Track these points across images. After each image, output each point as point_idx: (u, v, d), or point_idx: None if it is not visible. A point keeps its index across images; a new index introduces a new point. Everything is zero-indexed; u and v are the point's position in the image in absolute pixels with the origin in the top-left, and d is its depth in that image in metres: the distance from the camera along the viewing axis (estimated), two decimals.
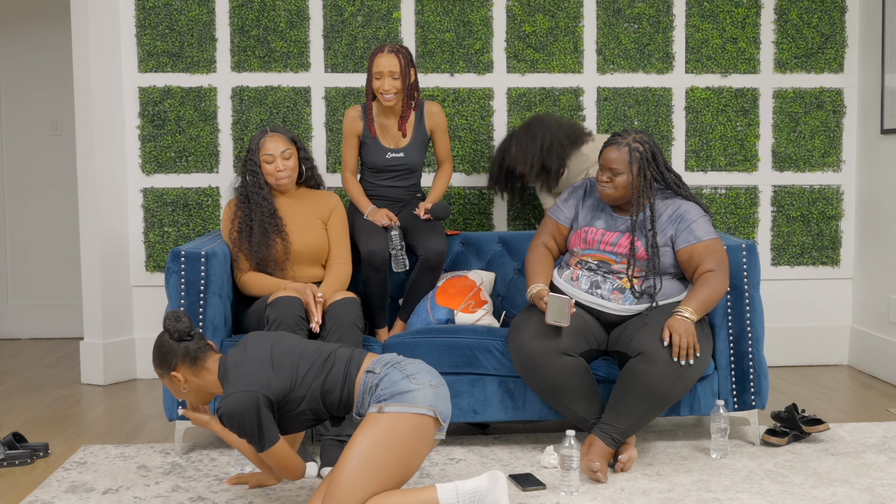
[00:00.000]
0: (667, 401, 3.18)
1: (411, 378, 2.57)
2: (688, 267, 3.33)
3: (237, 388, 2.52)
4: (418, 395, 2.54)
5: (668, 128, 4.69)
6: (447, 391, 2.64)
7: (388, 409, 2.52)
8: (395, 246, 3.74)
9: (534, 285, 3.38)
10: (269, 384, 2.55)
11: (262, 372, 2.56)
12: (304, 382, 2.59)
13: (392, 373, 2.58)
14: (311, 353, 2.66)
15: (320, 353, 2.66)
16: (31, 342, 5.63)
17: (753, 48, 4.70)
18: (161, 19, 4.54)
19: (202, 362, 2.63)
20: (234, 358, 2.62)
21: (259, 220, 3.55)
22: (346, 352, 2.69)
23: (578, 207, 3.50)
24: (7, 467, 3.32)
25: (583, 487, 3.06)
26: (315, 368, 2.62)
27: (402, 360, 2.64)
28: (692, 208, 3.36)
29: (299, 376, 2.59)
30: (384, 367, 2.61)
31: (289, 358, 2.62)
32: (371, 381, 2.59)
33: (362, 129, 3.92)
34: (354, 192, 3.96)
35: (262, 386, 2.54)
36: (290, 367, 2.60)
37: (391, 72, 3.76)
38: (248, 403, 2.50)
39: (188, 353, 2.61)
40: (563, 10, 4.62)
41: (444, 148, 4.04)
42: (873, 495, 2.96)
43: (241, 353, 2.63)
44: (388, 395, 2.54)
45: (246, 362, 2.59)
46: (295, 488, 3.08)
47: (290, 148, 3.60)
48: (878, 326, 4.60)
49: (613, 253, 3.33)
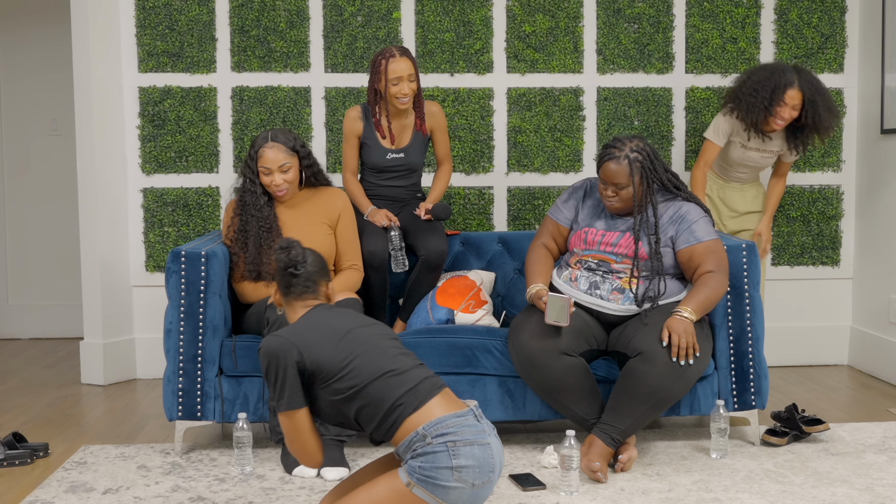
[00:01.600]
0: (667, 401, 3.18)
1: (455, 471, 2.34)
2: (688, 267, 3.33)
3: (283, 334, 2.46)
4: (452, 495, 2.35)
5: (668, 128, 4.69)
6: (491, 489, 2.41)
7: (416, 491, 2.35)
8: (395, 246, 3.74)
9: (533, 285, 3.38)
10: (313, 351, 2.43)
11: (317, 337, 2.46)
12: (352, 376, 2.42)
13: (440, 455, 2.34)
14: (382, 357, 2.46)
15: (395, 363, 2.46)
16: (31, 342, 5.63)
17: (753, 48, 4.70)
18: (161, 19, 4.54)
19: (292, 298, 2.60)
20: (315, 313, 2.55)
21: (255, 232, 3.50)
22: (417, 381, 2.44)
23: (578, 208, 3.50)
24: (7, 467, 3.32)
25: (583, 487, 3.06)
26: (372, 372, 2.43)
27: (460, 438, 2.36)
28: (693, 209, 3.36)
29: (352, 368, 2.42)
30: (437, 439, 2.35)
31: (357, 346, 2.46)
32: (418, 444, 2.37)
33: (363, 130, 3.91)
34: (355, 192, 3.96)
35: (306, 348, 2.43)
36: (349, 353, 2.44)
37: (409, 75, 3.76)
38: (279, 351, 2.42)
39: (282, 281, 2.61)
40: (563, 10, 4.62)
41: (443, 148, 4.04)
42: (873, 495, 2.96)
43: (323, 313, 2.56)
44: (424, 478, 2.34)
45: (315, 321, 2.51)
46: (295, 488, 3.08)
47: (290, 160, 3.52)
48: (878, 326, 4.60)
49: (614, 253, 3.33)
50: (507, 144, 4.65)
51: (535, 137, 4.64)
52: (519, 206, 4.64)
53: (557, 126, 4.64)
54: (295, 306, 2.61)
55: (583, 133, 4.66)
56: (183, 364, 3.39)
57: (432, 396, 2.43)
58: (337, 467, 3.18)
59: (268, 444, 3.54)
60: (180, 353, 3.39)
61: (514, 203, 4.65)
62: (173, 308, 3.41)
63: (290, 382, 2.42)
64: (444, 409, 2.40)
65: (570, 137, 4.65)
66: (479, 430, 2.39)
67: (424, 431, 2.36)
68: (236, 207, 3.59)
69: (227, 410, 3.41)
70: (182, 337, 3.39)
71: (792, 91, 4.02)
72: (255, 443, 3.54)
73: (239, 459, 3.23)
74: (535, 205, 4.64)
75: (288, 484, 3.13)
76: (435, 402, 2.42)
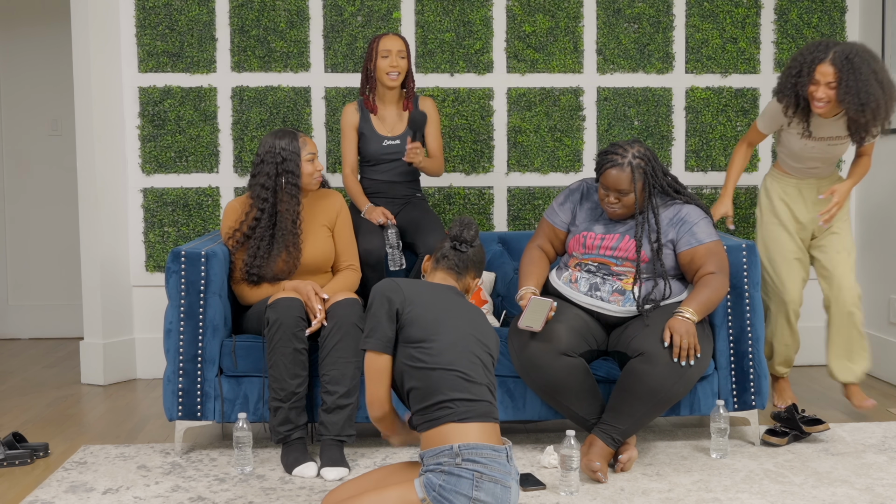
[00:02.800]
0: (667, 401, 3.18)
1: (473, 502, 2.34)
2: (689, 269, 3.33)
3: (399, 282, 2.52)
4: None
5: (668, 128, 4.69)
6: None
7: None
8: (392, 244, 3.75)
9: (524, 287, 3.38)
10: (416, 307, 2.48)
11: (426, 300, 2.51)
12: (428, 352, 2.43)
13: (464, 482, 2.33)
14: (462, 356, 2.46)
15: (470, 368, 2.45)
16: (31, 342, 5.63)
17: (753, 48, 4.70)
18: (161, 19, 4.54)
19: (440, 267, 2.65)
20: (443, 287, 2.59)
21: (281, 232, 3.44)
22: (477, 398, 2.42)
23: (576, 211, 3.49)
24: (7, 467, 3.32)
25: (583, 487, 3.06)
26: (445, 361, 2.42)
27: (488, 473, 2.35)
28: (693, 211, 3.36)
29: (432, 344, 2.43)
30: (466, 463, 2.35)
31: (450, 331, 2.47)
32: (446, 460, 2.36)
33: (359, 120, 3.97)
34: (354, 189, 3.98)
35: (411, 301, 2.48)
36: (439, 332, 2.45)
37: (399, 51, 3.90)
38: (388, 292, 2.48)
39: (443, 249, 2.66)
40: (563, 10, 4.62)
41: (434, 142, 4.03)
42: (873, 495, 2.96)
43: (449, 292, 2.59)
44: (440, 498, 2.33)
45: (436, 290, 2.56)
46: (295, 488, 3.08)
47: None
48: (878, 326, 4.60)
49: (614, 257, 3.33)
50: (507, 144, 4.65)
51: (534, 137, 4.65)
52: (519, 206, 4.64)
53: (557, 126, 4.64)
54: (436, 277, 2.66)
55: (583, 133, 4.66)
56: (183, 364, 3.39)
57: (481, 420, 2.42)
58: (337, 467, 3.19)
59: (268, 444, 3.54)
60: (180, 353, 3.39)
61: (513, 203, 4.65)
62: (173, 308, 3.41)
63: (384, 325, 2.46)
64: (484, 438, 2.40)
65: (570, 137, 4.65)
66: (507, 472, 2.39)
67: (458, 450, 2.35)
68: (254, 207, 3.48)
69: (227, 410, 3.41)
70: (182, 337, 3.39)
71: (823, 67, 3.52)
72: (255, 443, 3.54)
73: (239, 459, 3.23)
74: (535, 205, 4.64)
75: (288, 484, 3.13)
76: (480, 427, 2.41)
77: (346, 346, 3.28)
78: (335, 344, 3.28)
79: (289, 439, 3.28)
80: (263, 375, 3.39)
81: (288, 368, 3.25)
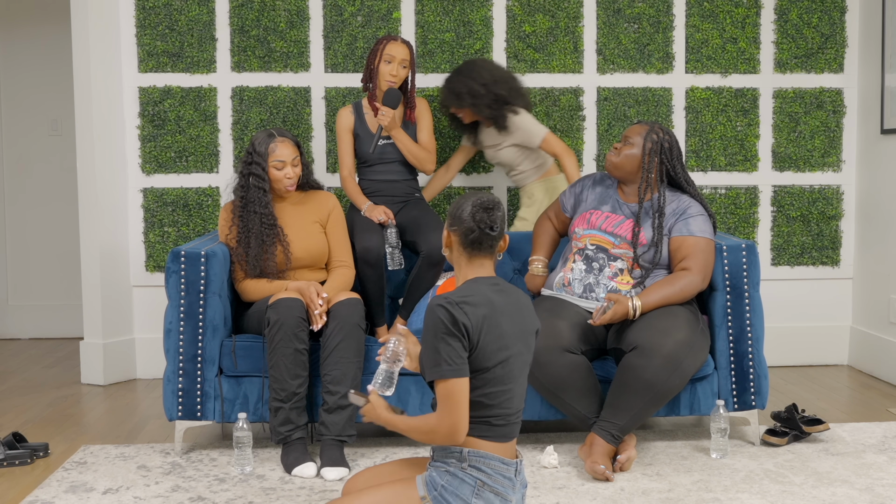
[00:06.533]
0: (664, 395, 3.18)
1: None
2: (674, 257, 3.38)
3: (479, 303, 2.30)
4: None
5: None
6: None
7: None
8: (391, 243, 3.77)
9: (534, 258, 3.63)
10: (484, 338, 2.28)
11: (503, 330, 2.32)
12: (481, 385, 2.31)
13: (465, 487, 2.31)
14: (518, 397, 2.37)
15: (521, 404, 2.38)
16: (31, 342, 5.63)
17: (753, 48, 4.70)
18: (161, 19, 4.54)
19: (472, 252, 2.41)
20: (514, 299, 2.39)
21: (257, 231, 3.50)
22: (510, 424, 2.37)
23: (585, 195, 3.58)
24: (7, 467, 3.32)
25: (583, 487, 3.06)
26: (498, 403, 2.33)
27: (490, 484, 2.32)
28: (695, 206, 3.42)
29: (486, 381, 2.31)
30: (471, 469, 2.32)
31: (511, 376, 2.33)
32: (453, 461, 2.33)
33: (353, 122, 4.01)
34: (352, 190, 3.99)
35: (486, 329, 2.28)
36: (501, 379, 2.32)
37: (403, 60, 3.93)
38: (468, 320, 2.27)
39: (469, 234, 2.38)
40: (563, 10, 4.62)
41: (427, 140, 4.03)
42: (873, 495, 2.96)
43: (519, 303, 2.40)
44: (440, 498, 2.31)
45: (510, 309, 2.35)
46: (295, 488, 3.08)
47: (297, 154, 3.58)
48: (878, 326, 4.60)
49: (613, 234, 3.37)
50: None
51: None
52: (519, 206, 4.64)
53: (557, 126, 4.64)
54: (473, 265, 2.42)
55: (583, 133, 4.66)
56: (183, 364, 3.39)
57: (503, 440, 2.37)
58: (337, 467, 3.19)
59: (268, 444, 3.54)
60: (180, 353, 3.39)
61: (514, 203, 4.65)
62: (173, 308, 3.41)
63: (458, 349, 2.28)
64: (499, 450, 2.36)
65: (570, 137, 4.65)
66: (511, 485, 2.36)
67: (466, 456, 2.33)
68: (234, 208, 3.58)
69: (227, 410, 3.41)
70: (182, 337, 3.39)
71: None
72: (255, 443, 3.54)
73: (239, 459, 3.23)
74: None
75: (288, 484, 3.13)
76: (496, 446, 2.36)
77: (348, 346, 3.28)
78: (337, 344, 3.28)
79: (289, 439, 3.28)
80: (263, 375, 3.39)
81: (289, 369, 3.25)
